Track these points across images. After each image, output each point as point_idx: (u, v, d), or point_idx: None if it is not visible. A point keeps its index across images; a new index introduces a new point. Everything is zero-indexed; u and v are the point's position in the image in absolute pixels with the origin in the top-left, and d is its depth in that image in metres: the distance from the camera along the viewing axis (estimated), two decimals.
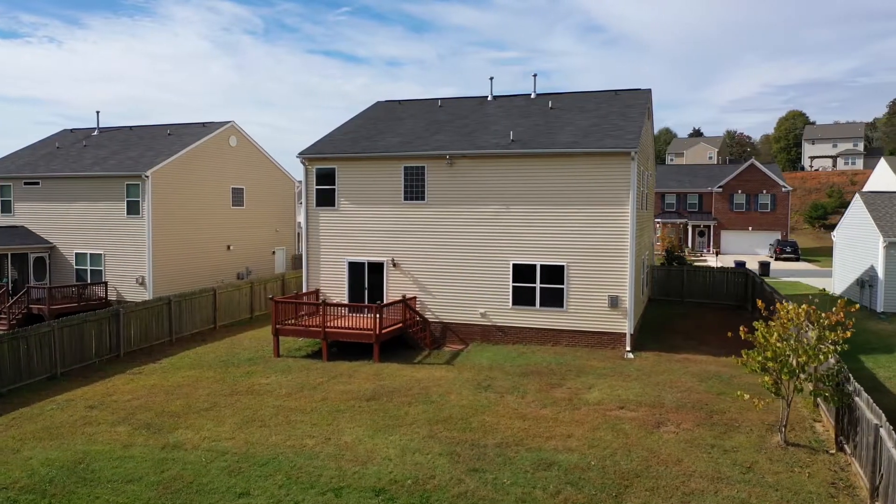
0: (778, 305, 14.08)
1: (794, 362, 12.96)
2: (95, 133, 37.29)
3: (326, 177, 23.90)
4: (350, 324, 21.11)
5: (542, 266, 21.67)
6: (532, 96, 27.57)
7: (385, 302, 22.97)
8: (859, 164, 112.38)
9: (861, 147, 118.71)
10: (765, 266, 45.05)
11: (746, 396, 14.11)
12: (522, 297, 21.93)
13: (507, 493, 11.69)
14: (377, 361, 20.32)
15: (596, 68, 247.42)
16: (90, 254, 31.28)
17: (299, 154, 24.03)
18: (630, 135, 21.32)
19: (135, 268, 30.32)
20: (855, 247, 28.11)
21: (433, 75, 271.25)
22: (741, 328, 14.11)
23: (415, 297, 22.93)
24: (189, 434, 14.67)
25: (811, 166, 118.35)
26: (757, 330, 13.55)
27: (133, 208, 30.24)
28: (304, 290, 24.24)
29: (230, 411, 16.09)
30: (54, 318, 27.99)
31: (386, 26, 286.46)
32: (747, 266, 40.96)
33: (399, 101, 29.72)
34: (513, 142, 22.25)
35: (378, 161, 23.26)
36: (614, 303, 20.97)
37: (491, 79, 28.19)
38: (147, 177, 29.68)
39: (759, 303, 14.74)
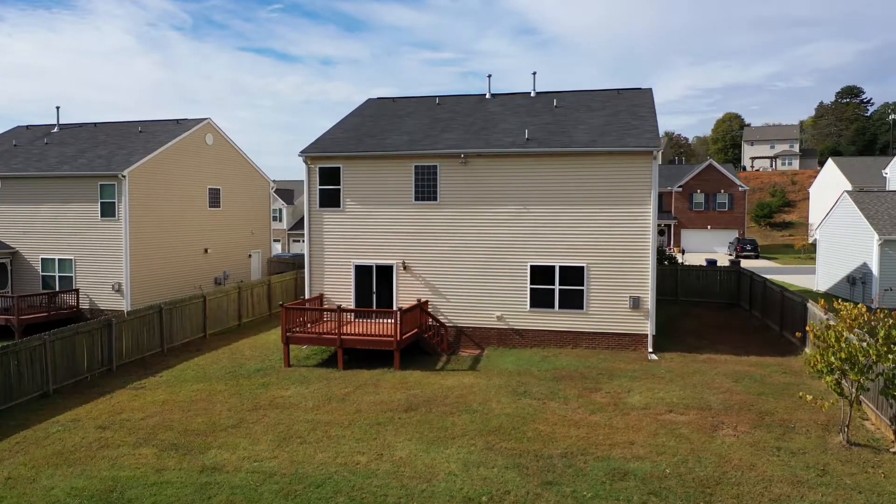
0: (836, 304, 13.99)
1: (864, 362, 12.86)
2: (56, 130, 34.86)
3: (331, 176, 22.83)
4: (365, 330, 20.16)
5: (560, 267, 21.23)
6: (532, 94, 27.16)
7: (395, 307, 22.16)
8: (795, 164, 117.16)
9: (797, 148, 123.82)
10: (735, 265, 46.07)
11: (809, 398, 13.96)
12: (541, 300, 21.45)
13: None
14: (398, 369, 19.45)
15: (530, 70, 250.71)
16: (58, 259, 29.13)
17: (301, 152, 22.89)
18: (649, 133, 21.13)
19: (110, 274, 28.38)
20: (844, 245, 28.85)
21: (367, 75, 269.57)
22: (807, 327, 13.94)
23: (427, 302, 22.14)
24: (225, 454, 13.52)
25: (752, 166, 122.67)
26: (825, 330, 13.39)
27: (108, 210, 28.30)
28: (307, 296, 23.10)
29: (261, 428, 14.97)
30: (23, 329, 25.98)
31: (319, 25, 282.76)
32: (718, 264, 41.90)
33: (393, 98, 28.85)
34: (528, 140, 21.74)
35: (387, 160, 22.36)
36: (636, 304, 20.73)
37: (489, 76, 27.88)
38: (124, 176, 27.81)
39: (821, 303, 14.59)
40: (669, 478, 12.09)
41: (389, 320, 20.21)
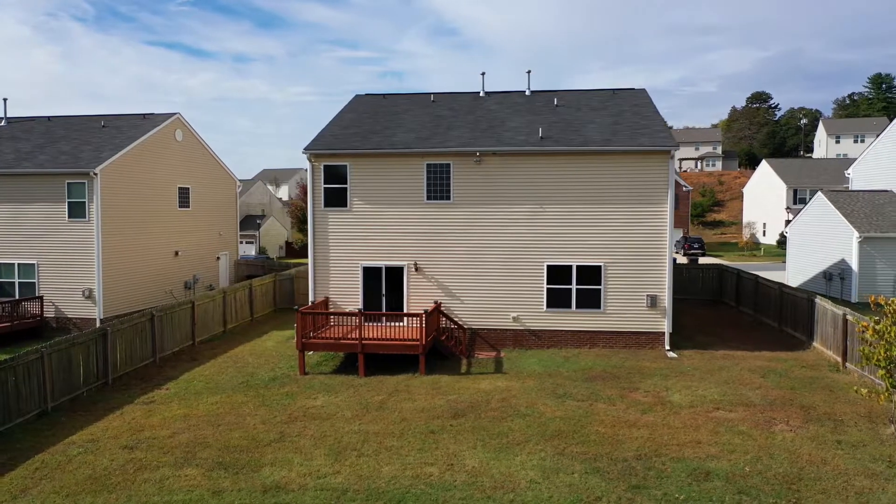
0: (881, 300, 14.37)
1: None
2: (3, 124, 32.08)
3: (336, 175, 21.88)
4: (383, 334, 19.37)
5: (578, 267, 21.11)
6: (527, 93, 26.99)
7: (406, 310, 21.51)
8: (718, 165, 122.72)
9: (720, 150, 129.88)
10: (694, 261, 47.61)
11: (864, 391, 14.29)
12: (557, 300, 21.26)
13: None
14: (424, 374, 18.79)
15: (448, 70, 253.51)
16: (18, 264, 26.75)
17: (305, 149, 21.82)
18: (663, 133, 21.31)
19: (79, 279, 26.28)
20: (818, 242, 30.12)
21: (283, 72, 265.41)
22: (864, 324, 14.25)
23: (440, 304, 21.54)
24: (282, 472, 12.57)
25: (680, 167, 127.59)
26: (881, 324, 13.72)
27: (77, 211, 26.19)
28: (311, 299, 22.06)
29: (308, 441, 14.05)
30: None
31: (232, 20, 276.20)
32: (678, 262, 43.19)
33: (383, 94, 28.05)
34: (543, 139, 21.50)
35: (397, 157, 21.61)
36: (653, 302, 20.86)
37: (482, 74, 27.35)
38: (96, 174, 25.80)
39: (871, 298, 14.90)
40: (751, 476, 12.07)
41: (403, 323, 19.57)
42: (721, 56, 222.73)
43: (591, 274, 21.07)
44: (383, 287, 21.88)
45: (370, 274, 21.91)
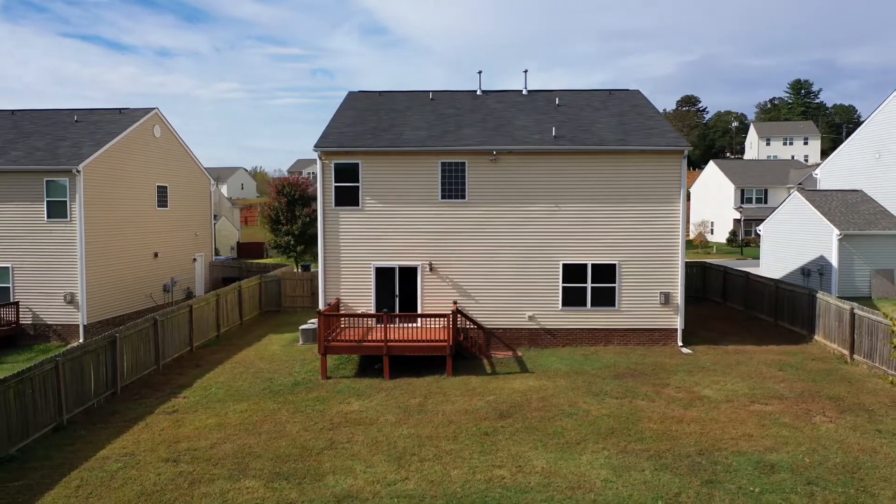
0: None
1: None
2: None
3: (348, 173, 21.33)
4: (400, 336, 19.02)
5: (593, 265, 21.27)
6: (524, 92, 27.03)
7: (420, 310, 21.23)
8: None
9: None
10: None
11: None
12: (573, 298, 21.37)
13: (769, 503, 11.15)
14: (451, 375, 18.53)
15: (379, 70, 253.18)
16: None
17: (315, 146, 21.18)
18: (672, 133, 21.71)
19: (60, 283, 24.74)
20: (795, 239, 31.37)
21: (209, 68, 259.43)
22: None
23: (455, 303, 21.31)
24: (347, 480, 12.13)
25: None
26: None
27: (57, 210, 24.63)
28: (321, 301, 21.44)
29: (362, 447, 13.62)
30: None
31: (155, 13, 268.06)
32: None
33: (379, 91, 27.53)
34: (556, 138, 21.57)
35: (412, 156, 21.25)
36: (667, 299, 21.22)
37: (479, 73, 27.21)
38: (78, 171, 24.33)
39: None
40: (813, 467, 12.40)
41: (417, 324, 19.29)
42: (647, 60, 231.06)
43: (605, 272, 21.28)
44: (396, 287, 21.48)
45: (383, 274, 21.48)
